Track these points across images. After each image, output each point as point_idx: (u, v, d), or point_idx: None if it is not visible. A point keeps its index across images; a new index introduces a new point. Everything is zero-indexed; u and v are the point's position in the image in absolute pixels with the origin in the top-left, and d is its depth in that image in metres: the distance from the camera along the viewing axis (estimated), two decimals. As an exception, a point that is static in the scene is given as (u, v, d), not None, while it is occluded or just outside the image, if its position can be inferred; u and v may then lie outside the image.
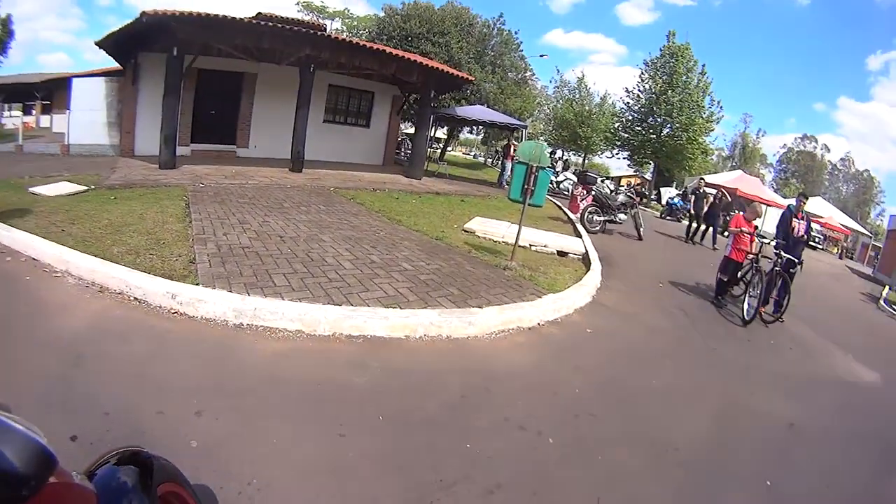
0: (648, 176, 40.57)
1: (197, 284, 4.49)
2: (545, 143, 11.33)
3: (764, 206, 24.02)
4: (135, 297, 4.31)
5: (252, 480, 2.47)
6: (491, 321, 4.95)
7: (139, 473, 1.26)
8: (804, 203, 9.52)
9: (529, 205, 7.28)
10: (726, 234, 9.99)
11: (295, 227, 7.11)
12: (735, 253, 9.07)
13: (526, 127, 23.45)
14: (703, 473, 3.49)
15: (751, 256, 8.90)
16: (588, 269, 7.98)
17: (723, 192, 17.06)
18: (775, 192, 44.69)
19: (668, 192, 29.53)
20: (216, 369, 3.48)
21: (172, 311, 4.17)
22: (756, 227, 9.47)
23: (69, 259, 4.76)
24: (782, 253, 8.67)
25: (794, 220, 9.19)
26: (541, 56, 76.19)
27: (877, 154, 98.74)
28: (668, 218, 24.76)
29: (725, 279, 9.16)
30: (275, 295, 4.50)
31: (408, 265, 6.27)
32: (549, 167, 7.43)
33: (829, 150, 74.98)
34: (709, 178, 22.97)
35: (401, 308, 4.72)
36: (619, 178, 38.72)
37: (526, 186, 7.14)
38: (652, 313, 7.18)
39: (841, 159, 75.71)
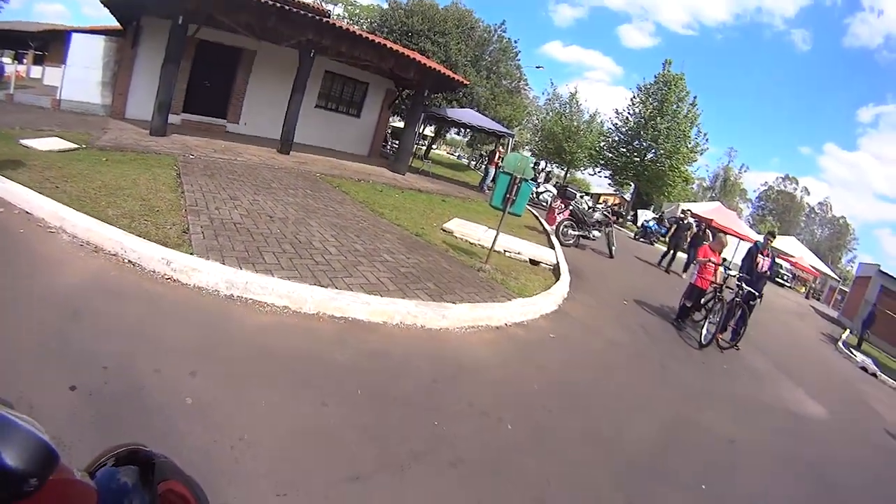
0: (628, 197, 41.32)
1: (191, 254, 4.71)
2: (530, 156, 11.65)
3: (737, 239, 24.82)
4: (129, 260, 4.49)
5: (243, 436, 2.74)
6: (463, 316, 5.29)
7: (140, 471, 1.22)
8: (771, 241, 10.10)
9: (509, 213, 7.62)
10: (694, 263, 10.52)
11: (283, 209, 7.34)
12: (700, 281, 9.56)
13: (513, 135, 23.85)
14: (646, 470, 3.91)
15: (715, 285, 9.38)
16: (557, 279, 8.35)
17: (706, 224, 17.56)
18: (750, 226, 45.90)
19: (645, 215, 30.22)
20: (209, 335, 3.72)
21: (166, 277, 4.38)
22: (724, 259, 9.98)
23: (65, 216, 4.90)
24: (744, 285, 9.17)
25: (759, 255, 9.75)
26: (537, 67, 76.97)
27: (855, 202, 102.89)
28: (642, 240, 25.42)
29: (689, 305, 9.65)
30: (265, 271, 4.76)
31: (389, 257, 6.58)
32: (531, 180, 7.80)
33: (808, 193, 77.88)
34: (685, 206, 23.50)
35: (381, 296, 5.02)
36: (599, 195, 39.43)
37: (508, 195, 7.49)
38: (614, 327, 7.57)
39: (819, 203, 78.59)
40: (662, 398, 5.68)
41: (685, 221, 16.85)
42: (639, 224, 30.00)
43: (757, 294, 9.46)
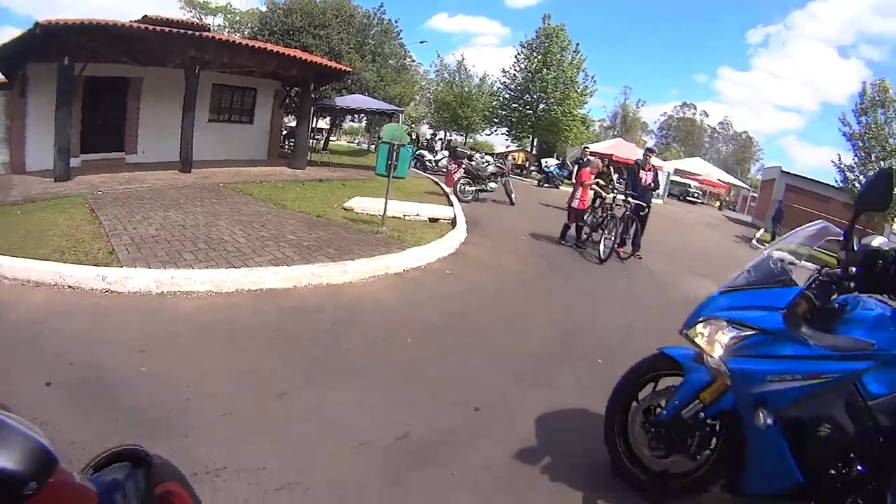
0: (533, 151, 43.11)
1: (121, 266, 5.54)
2: (406, 125, 12.63)
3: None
4: (69, 286, 5.24)
5: (189, 384, 3.63)
6: (363, 269, 6.36)
7: (138, 473, 1.25)
8: (650, 157, 11.61)
9: (394, 177, 8.67)
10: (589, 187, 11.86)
11: (193, 218, 8.13)
12: (580, 203, 10.90)
13: (403, 111, 24.82)
14: (547, 360, 4.93)
15: (606, 205, 10.72)
16: (454, 228, 9.48)
17: (608, 159, 18.82)
18: (656, 155, 48.61)
19: (547, 162, 31.74)
20: (150, 324, 4.58)
21: (104, 291, 5.17)
22: (611, 179, 11.30)
23: (1, 263, 5.49)
24: (631, 200, 10.55)
25: (641, 171, 11.18)
26: (420, 42, 78.31)
27: (755, 117, 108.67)
28: (546, 185, 26.84)
29: (571, 225, 11.00)
30: (187, 266, 5.65)
31: (292, 237, 7.52)
32: (408, 144, 8.85)
33: (707, 116, 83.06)
34: (592, 147, 24.93)
35: (288, 266, 6.00)
36: (506, 153, 40.89)
37: (390, 162, 8.53)
38: (511, 259, 8.80)
39: (720, 123, 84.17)
40: (561, 304, 6.85)
41: (584, 159, 17.99)
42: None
43: (645, 205, 10.89)
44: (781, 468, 3.09)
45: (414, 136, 31.83)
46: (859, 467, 2.98)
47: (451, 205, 12.54)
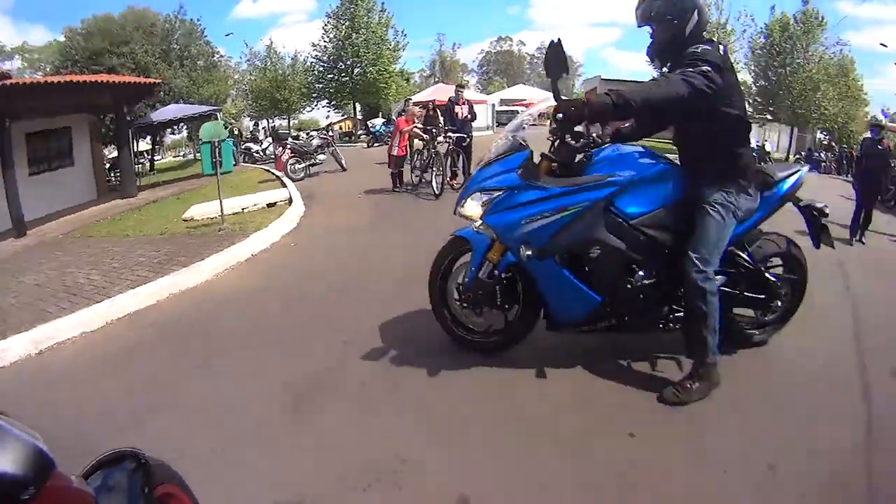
0: (359, 116, 43.59)
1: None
2: (223, 120, 13.02)
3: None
4: None
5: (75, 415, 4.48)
6: (214, 264, 6.98)
7: (136, 475, 1.26)
8: (461, 92, 12.68)
9: (222, 173, 9.10)
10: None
11: (45, 276, 8.17)
12: (399, 150, 12.02)
13: (220, 109, 24.64)
14: (400, 282, 5.81)
15: (432, 145, 11.57)
16: (291, 206, 10.35)
17: (431, 104, 19.69)
18: (480, 91, 50.51)
19: (374, 122, 32.45)
20: (41, 382, 4.78)
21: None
22: (439, 121, 12.38)
23: None
24: (452, 135, 11.65)
25: (456, 106, 12.29)
26: (227, 35, 74.93)
27: (574, 36, 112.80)
28: (376, 144, 27.62)
29: (396, 171, 12.15)
30: (56, 318, 5.93)
31: (143, 258, 7.88)
32: (228, 138, 9.51)
33: (524, 45, 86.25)
34: (416, 98, 25.75)
35: (146, 285, 6.49)
36: (330, 124, 41.22)
37: (214, 160, 8.91)
38: (351, 216, 9.78)
39: (537, 48, 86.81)
40: (408, 236, 7.70)
41: (405, 110, 18.83)
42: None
43: (466, 136, 12.01)
44: (576, 295, 3.67)
45: (236, 132, 31.52)
46: (642, 273, 3.63)
47: (285, 186, 13.24)
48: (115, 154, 27.90)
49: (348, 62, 39.38)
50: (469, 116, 12.55)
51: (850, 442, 3.29)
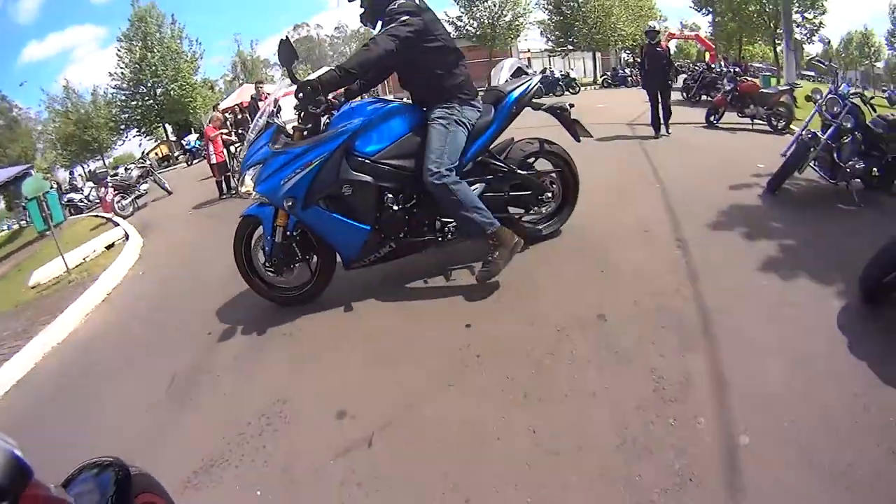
0: (172, 137, 42.05)
1: None
2: (41, 174, 12.82)
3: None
4: None
5: None
6: (74, 315, 6.95)
7: (116, 484, 1.26)
8: (261, 88, 13.31)
9: (55, 225, 9.19)
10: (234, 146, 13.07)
11: None
12: (217, 157, 12.51)
13: (31, 167, 23.42)
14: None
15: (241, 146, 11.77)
16: (128, 241, 10.78)
17: (240, 107, 19.66)
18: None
19: (188, 139, 31.67)
20: None
21: None
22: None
23: None
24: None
25: (259, 103, 12.38)
26: (20, 85, 68.62)
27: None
28: (195, 161, 27.42)
29: (220, 178, 12.69)
30: None
31: (7, 332, 7.36)
32: (52, 190, 9.63)
33: (322, 27, 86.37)
34: (223, 105, 25.18)
35: (16, 355, 6.18)
36: (144, 152, 39.64)
37: (44, 214, 8.93)
38: (186, 233, 10.28)
39: (336, 28, 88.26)
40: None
41: (212, 117, 18.85)
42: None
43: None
44: (347, 229, 4.19)
45: (54, 185, 29.65)
46: (392, 197, 4.22)
47: (118, 224, 13.25)
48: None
49: (149, 84, 37.86)
50: (276, 109, 13.05)
51: (674, 288, 3.96)
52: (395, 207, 4.23)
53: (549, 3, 46.66)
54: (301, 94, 3.94)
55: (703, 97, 19.08)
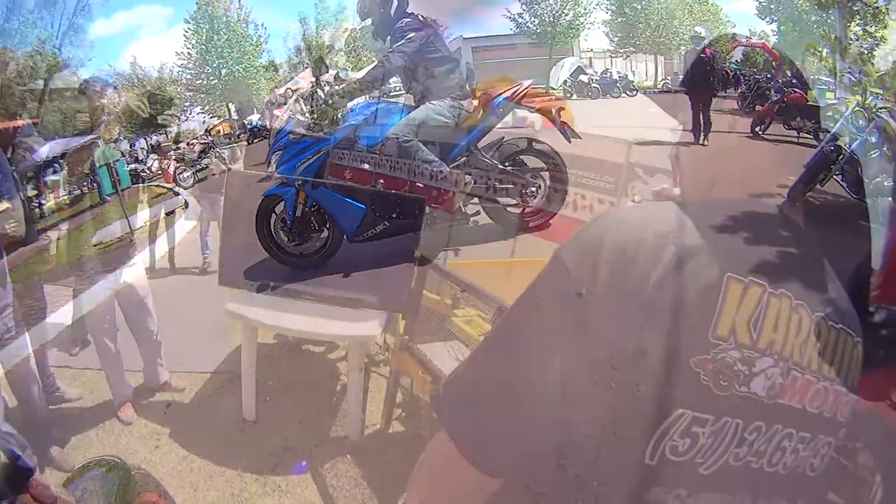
0: (235, 116, 42.53)
1: None
2: (111, 145, 13.33)
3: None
4: None
5: None
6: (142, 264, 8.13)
7: (118, 483, 1.25)
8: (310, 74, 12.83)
9: (122, 190, 9.16)
10: None
11: None
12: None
13: (98, 137, 23.59)
14: None
15: None
16: (187, 208, 11.37)
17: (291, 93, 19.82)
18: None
19: (251, 119, 31.57)
20: None
21: None
22: None
23: None
24: None
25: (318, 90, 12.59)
26: (88, 61, 69.05)
27: None
28: (256, 140, 26.00)
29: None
30: None
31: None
32: (121, 158, 9.94)
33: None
34: (281, 90, 25.19)
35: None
36: (208, 129, 40.18)
37: (113, 179, 7.69)
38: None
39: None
40: None
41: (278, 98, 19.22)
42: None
43: None
44: (346, 207, 4.42)
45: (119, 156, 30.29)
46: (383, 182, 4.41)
47: (178, 194, 13.76)
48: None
49: (214, 65, 38.22)
50: None
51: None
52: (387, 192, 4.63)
53: (612, 4, 45.46)
54: (325, 105, 4.52)
55: (757, 107, 18.58)
